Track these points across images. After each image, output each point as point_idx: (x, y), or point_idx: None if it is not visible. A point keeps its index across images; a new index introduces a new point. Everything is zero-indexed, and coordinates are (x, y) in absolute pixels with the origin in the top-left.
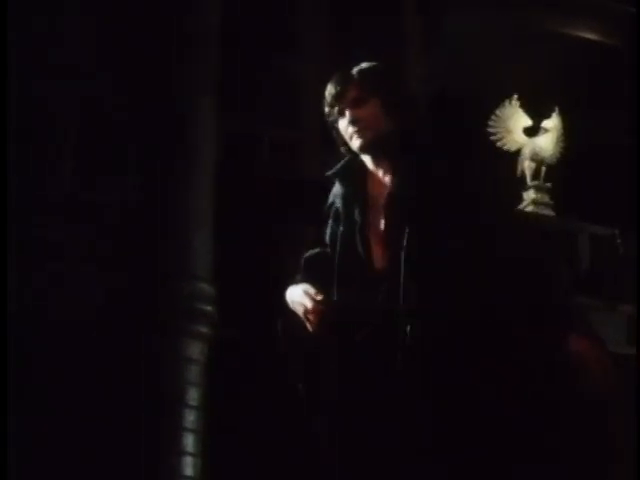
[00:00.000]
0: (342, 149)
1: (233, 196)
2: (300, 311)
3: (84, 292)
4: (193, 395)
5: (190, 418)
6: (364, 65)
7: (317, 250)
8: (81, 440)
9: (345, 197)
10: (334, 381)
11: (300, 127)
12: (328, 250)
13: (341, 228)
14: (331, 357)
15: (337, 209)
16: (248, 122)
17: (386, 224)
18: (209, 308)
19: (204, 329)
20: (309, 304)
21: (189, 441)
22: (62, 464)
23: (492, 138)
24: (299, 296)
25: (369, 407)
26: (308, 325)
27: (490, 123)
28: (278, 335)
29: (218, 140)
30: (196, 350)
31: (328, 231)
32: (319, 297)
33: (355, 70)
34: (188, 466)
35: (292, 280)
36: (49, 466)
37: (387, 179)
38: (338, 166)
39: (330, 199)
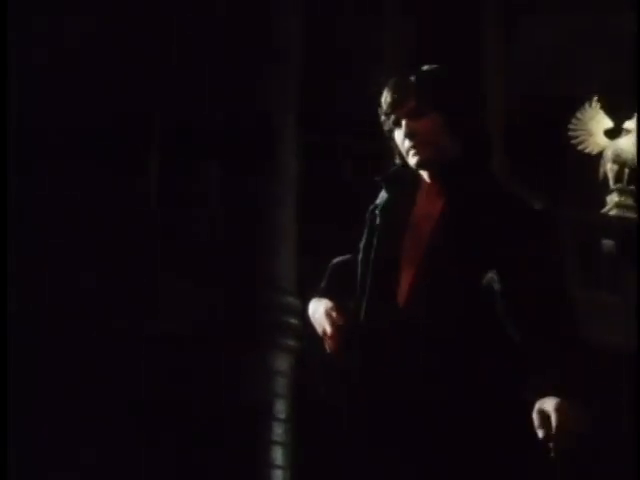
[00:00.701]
0: (397, 160)
1: (317, 209)
2: (319, 331)
3: (176, 306)
4: (281, 408)
5: (279, 431)
6: (425, 70)
7: (347, 257)
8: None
9: (388, 208)
10: (354, 397)
11: (382, 138)
12: (359, 258)
13: (375, 241)
14: (349, 375)
15: (376, 217)
16: (330, 135)
17: (426, 252)
18: (295, 321)
19: (291, 342)
20: (328, 329)
21: (278, 454)
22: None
23: (573, 142)
24: (320, 316)
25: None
26: (326, 346)
27: (571, 126)
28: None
29: (301, 154)
30: (284, 363)
31: (363, 238)
32: (340, 322)
33: (414, 77)
34: (277, 479)
35: (317, 290)
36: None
37: (441, 202)
38: (389, 172)
39: (376, 202)
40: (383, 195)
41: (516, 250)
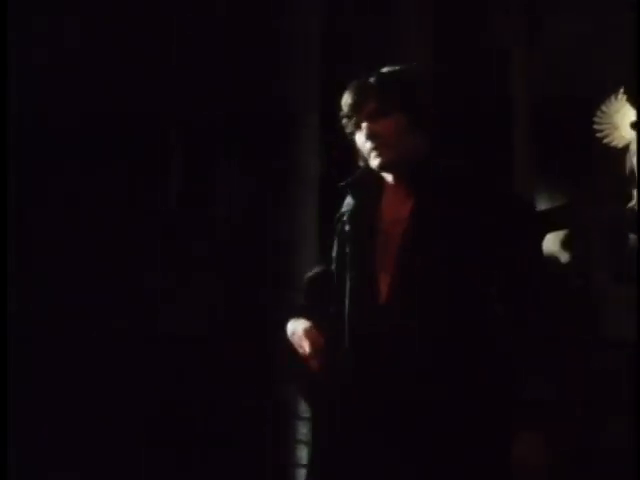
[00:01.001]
0: (360, 163)
1: (338, 210)
2: (300, 352)
3: (193, 304)
4: (305, 407)
5: (303, 430)
6: (385, 71)
7: (320, 269)
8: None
9: (355, 214)
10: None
11: None
12: (333, 268)
13: (347, 248)
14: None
15: (344, 224)
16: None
17: (399, 254)
18: None
19: None
20: (308, 349)
21: (303, 453)
22: None
23: (598, 135)
24: (299, 337)
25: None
26: (309, 366)
27: (596, 120)
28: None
29: (322, 154)
30: None
31: (335, 247)
32: (320, 340)
33: (374, 78)
34: (302, 478)
35: (295, 308)
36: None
37: (410, 203)
38: (353, 177)
39: (342, 209)
40: (349, 202)
41: (494, 245)
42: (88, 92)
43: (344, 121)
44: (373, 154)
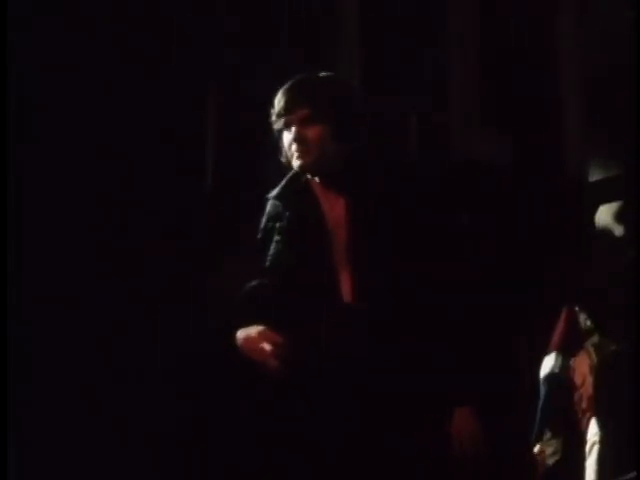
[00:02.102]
0: (282, 159)
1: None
2: (258, 357)
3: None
4: None
5: None
6: (319, 81)
7: (258, 282)
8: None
9: (296, 221)
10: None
11: (447, 108)
12: (275, 280)
13: (295, 255)
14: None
15: (284, 232)
16: (395, 105)
17: (353, 254)
18: None
19: None
20: (268, 347)
21: None
22: None
23: None
24: (254, 341)
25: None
26: (268, 367)
27: None
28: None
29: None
30: None
31: (272, 258)
32: (278, 338)
33: (310, 84)
34: None
35: (244, 319)
36: None
37: (341, 202)
38: (282, 185)
39: (266, 222)
40: (279, 211)
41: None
42: (89, 92)
43: (274, 118)
44: (296, 155)
